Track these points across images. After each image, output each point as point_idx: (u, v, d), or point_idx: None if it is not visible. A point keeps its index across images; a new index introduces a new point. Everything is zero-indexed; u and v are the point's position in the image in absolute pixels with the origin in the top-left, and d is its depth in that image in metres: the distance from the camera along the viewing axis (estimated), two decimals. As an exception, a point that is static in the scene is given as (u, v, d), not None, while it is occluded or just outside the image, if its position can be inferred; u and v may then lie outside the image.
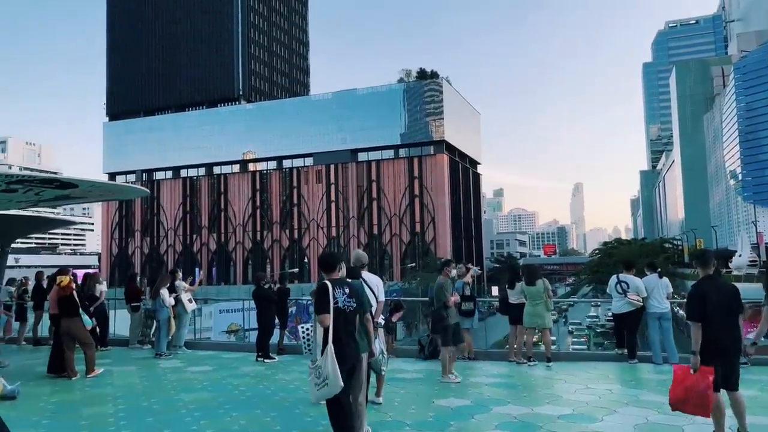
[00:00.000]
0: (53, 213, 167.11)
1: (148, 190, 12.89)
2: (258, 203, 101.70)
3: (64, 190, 10.48)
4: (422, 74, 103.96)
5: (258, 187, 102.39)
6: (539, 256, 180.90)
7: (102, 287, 13.44)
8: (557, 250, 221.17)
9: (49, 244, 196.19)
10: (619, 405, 7.31)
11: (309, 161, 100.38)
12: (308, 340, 8.12)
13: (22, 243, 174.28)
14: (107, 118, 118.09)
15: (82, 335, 10.08)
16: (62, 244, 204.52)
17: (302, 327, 8.28)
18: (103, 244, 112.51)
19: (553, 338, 11.26)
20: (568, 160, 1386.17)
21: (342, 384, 4.87)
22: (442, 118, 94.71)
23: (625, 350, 10.36)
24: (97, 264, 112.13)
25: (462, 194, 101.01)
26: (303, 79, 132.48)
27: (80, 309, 10.35)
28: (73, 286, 10.54)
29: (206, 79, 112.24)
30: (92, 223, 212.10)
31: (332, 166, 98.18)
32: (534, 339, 10.78)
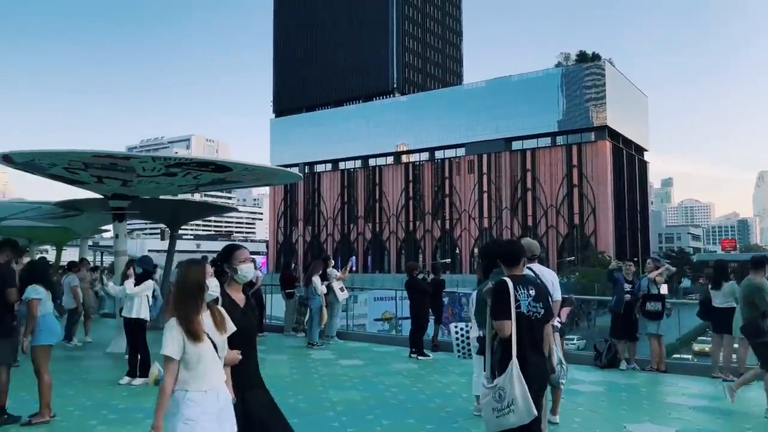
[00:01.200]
0: (228, 202, 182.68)
1: (300, 175, 12.67)
2: (411, 194, 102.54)
3: (220, 173, 10.44)
4: (582, 57, 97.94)
5: (411, 178, 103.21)
6: (715, 251, 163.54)
7: (258, 273, 13.44)
8: (737, 246, 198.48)
9: (225, 231, 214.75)
10: None
11: (461, 151, 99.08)
12: (462, 342, 7.08)
13: (203, 230, 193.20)
14: (273, 115, 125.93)
15: (237, 321, 9.92)
16: (236, 232, 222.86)
17: (456, 326, 7.24)
18: (270, 232, 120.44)
19: (736, 346, 9.01)
20: (750, 147, 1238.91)
21: (536, 412, 3.74)
22: (605, 103, 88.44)
23: None
24: (265, 251, 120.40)
25: (626, 183, 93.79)
26: (456, 68, 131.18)
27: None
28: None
29: (363, 73, 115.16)
30: (261, 213, 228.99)
31: (485, 156, 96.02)
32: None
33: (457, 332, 6.93)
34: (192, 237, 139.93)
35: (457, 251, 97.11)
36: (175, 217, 15.60)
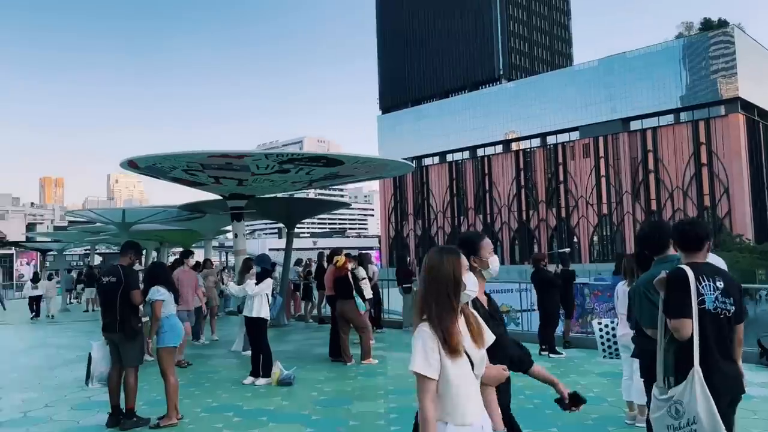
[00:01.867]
0: (341, 199, 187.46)
1: (412, 165, 12.19)
2: (522, 183, 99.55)
3: (331, 167, 10.22)
4: (707, 25, 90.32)
5: (522, 166, 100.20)
6: None
7: (374, 268, 13.18)
8: None
9: (339, 228, 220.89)
10: None
11: (575, 135, 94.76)
12: (608, 341, 6.30)
13: (319, 228, 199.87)
14: (380, 112, 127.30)
15: (357, 319, 9.63)
16: (349, 228, 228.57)
17: (599, 323, 6.51)
18: (382, 227, 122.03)
19: None
20: None
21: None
22: (735, 73, 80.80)
23: None
24: (378, 246, 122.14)
25: (764, 159, 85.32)
26: (565, 49, 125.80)
27: (354, 291, 9.91)
28: (349, 266, 10.16)
29: (468, 63, 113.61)
30: (372, 209, 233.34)
31: (601, 139, 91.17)
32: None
33: (601, 329, 6.15)
34: (308, 235, 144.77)
35: (575, 240, 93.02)
36: (291, 215, 15.74)
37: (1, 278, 54.55)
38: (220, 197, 12.37)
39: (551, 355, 9.30)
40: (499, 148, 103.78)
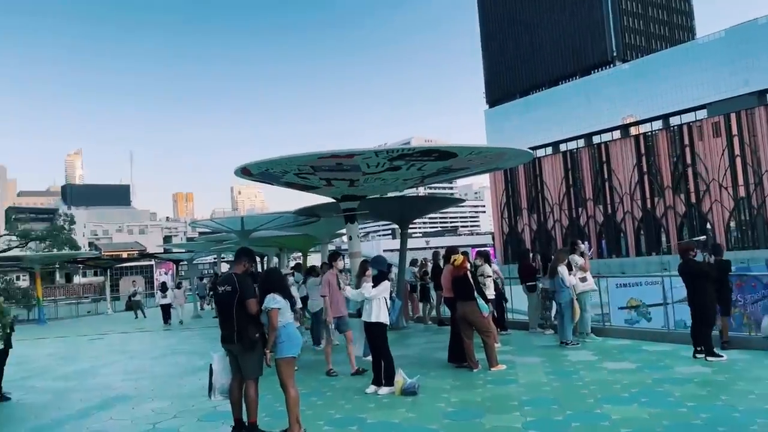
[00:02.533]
0: (451, 194, 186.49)
1: (532, 152, 11.33)
2: (645, 168, 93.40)
3: (444, 161, 9.66)
4: None
5: (643, 151, 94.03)
6: None
7: (495, 266, 12.41)
8: None
9: (450, 226, 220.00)
10: None
11: (702, 114, 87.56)
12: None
13: (430, 227, 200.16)
14: (487, 106, 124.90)
15: (479, 322, 8.96)
16: (461, 226, 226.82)
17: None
18: (495, 223, 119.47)
19: None
20: None
21: None
22: None
23: None
24: (492, 243, 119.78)
25: None
26: (685, 22, 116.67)
27: (476, 292, 9.25)
28: (468, 265, 9.52)
29: (577, 47, 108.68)
30: (484, 205, 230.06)
31: (733, 116, 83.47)
32: None
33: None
34: (420, 234, 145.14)
35: (708, 227, 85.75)
36: (403, 214, 15.37)
37: (143, 287, 59.47)
38: (333, 200, 12.22)
39: (708, 358, 8.12)
40: (617, 134, 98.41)
